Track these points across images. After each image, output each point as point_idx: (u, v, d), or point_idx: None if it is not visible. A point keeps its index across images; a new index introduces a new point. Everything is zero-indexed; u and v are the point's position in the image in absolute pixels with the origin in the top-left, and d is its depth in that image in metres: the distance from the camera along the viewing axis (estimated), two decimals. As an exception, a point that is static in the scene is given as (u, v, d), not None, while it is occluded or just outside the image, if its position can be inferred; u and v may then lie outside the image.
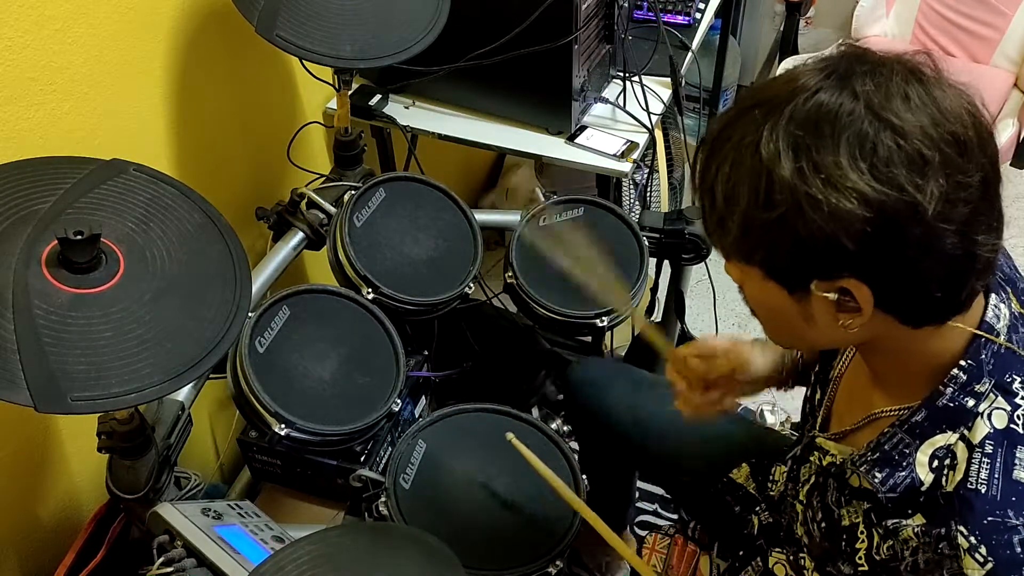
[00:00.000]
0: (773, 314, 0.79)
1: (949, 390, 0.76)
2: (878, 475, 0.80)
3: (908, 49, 0.72)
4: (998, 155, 0.70)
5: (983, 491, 0.74)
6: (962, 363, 0.76)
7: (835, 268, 0.69)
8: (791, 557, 1.04)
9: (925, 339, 0.76)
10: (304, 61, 1.45)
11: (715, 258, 0.82)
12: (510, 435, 1.21)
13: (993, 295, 0.78)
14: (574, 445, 1.45)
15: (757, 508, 1.17)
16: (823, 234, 0.66)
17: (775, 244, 0.69)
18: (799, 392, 1.10)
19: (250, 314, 1.19)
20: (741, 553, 1.17)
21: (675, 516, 1.37)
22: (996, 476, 0.74)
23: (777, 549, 1.08)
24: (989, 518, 0.73)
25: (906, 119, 0.65)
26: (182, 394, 1.14)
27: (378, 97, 1.69)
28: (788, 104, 0.68)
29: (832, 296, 0.70)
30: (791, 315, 0.75)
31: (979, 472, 0.74)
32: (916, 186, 0.64)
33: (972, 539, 0.73)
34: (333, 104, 1.74)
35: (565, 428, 1.53)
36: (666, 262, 1.62)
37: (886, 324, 0.73)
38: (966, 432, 0.76)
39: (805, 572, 0.98)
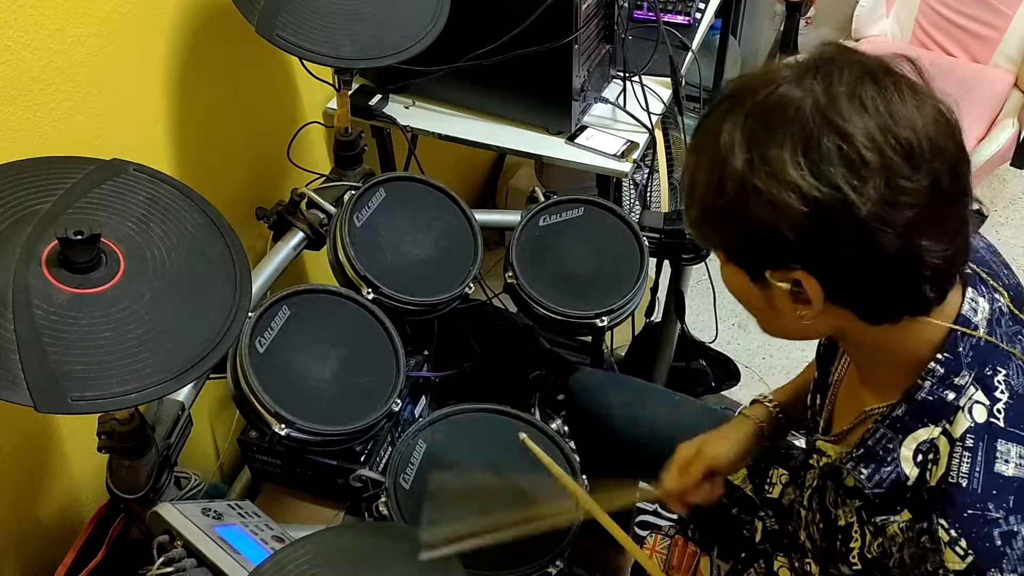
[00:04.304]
0: (744, 298, 0.82)
1: (927, 383, 0.77)
2: (864, 471, 0.81)
3: (898, 52, 0.73)
4: (961, 163, 0.70)
5: (964, 484, 0.74)
6: (939, 356, 0.77)
7: (782, 258, 0.71)
8: (796, 564, 1.04)
9: (900, 334, 0.77)
10: (304, 61, 1.45)
11: (715, 258, 0.83)
12: (523, 435, 1.21)
13: (970, 289, 0.79)
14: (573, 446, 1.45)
15: (762, 513, 1.18)
16: (766, 224, 0.69)
17: (728, 230, 0.74)
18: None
19: (250, 314, 1.19)
20: (743, 555, 1.17)
21: (675, 516, 1.37)
22: (977, 470, 0.74)
23: (781, 555, 1.09)
24: (969, 511, 0.73)
25: (852, 121, 0.67)
26: (182, 394, 1.14)
27: (378, 97, 1.69)
28: (751, 97, 0.71)
29: (786, 286, 0.73)
30: (758, 301, 0.78)
31: (960, 466, 0.75)
32: (852, 186, 0.66)
33: (952, 532, 0.73)
34: (333, 104, 1.74)
35: (565, 428, 1.53)
36: (666, 262, 1.61)
37: (845, 318, 0.75)
38: (948, 426, 0.76)
39: None
